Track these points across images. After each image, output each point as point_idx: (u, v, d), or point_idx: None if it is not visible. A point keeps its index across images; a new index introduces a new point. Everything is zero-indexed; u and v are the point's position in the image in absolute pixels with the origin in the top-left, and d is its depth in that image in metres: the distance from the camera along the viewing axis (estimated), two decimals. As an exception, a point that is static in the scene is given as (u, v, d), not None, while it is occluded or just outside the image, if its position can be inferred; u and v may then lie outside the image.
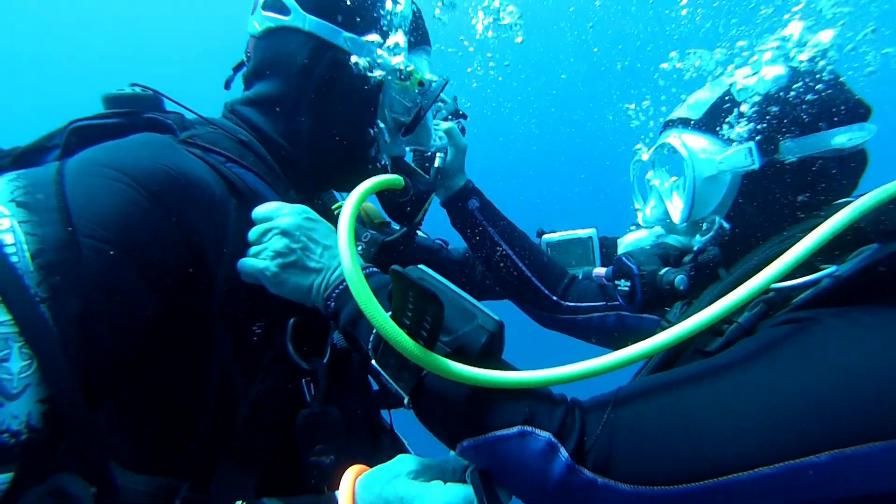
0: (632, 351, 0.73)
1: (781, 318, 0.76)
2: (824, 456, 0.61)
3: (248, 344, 0.87)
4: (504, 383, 0.69)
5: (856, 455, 0.60)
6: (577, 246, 1.62)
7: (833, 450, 0.61)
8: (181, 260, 0.78)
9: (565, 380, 0.71)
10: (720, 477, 0.62)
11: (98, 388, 0.67)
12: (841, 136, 0.90)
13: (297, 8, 0.97)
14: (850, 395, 0.62)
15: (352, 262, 0.75)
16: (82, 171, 0.73)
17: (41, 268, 0.62)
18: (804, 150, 0.91)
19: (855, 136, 0.90)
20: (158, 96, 1.01)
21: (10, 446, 0.57)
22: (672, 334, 0.73)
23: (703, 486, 0.63)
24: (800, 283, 0.78)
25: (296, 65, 0.98)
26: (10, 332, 0.58)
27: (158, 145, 0.83)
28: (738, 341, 0.78)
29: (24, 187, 0.68)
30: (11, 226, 0.63)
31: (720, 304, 0.73)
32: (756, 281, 0.73)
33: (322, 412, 0.90)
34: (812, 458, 0.61)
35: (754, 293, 0.72)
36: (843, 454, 0.61)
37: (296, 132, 1.02)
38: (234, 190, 0.90)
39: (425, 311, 0.68)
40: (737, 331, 0.81)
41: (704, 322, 0.72)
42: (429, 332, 0.70)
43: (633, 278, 1.06)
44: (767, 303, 0.80)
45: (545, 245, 1.64)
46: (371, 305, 0.71)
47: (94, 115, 0.94)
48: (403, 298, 0.70)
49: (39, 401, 0.59)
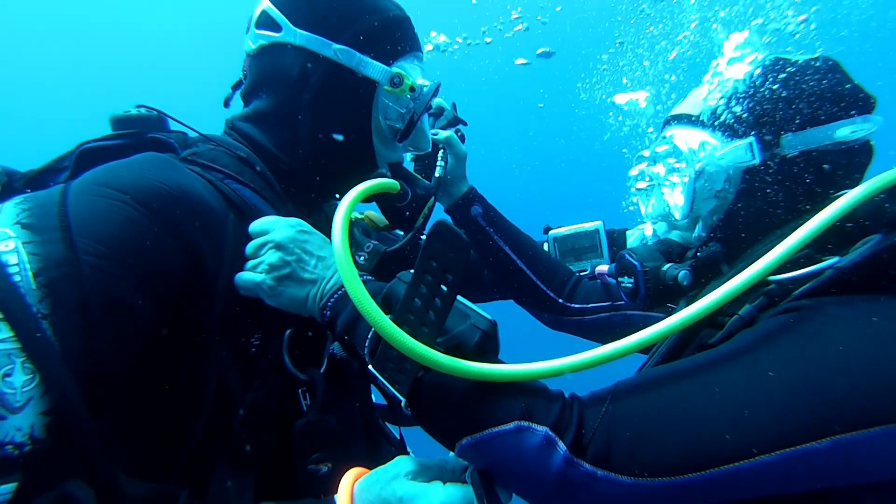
0: (628, 341, 0.73)
1: (781, 308, 0.76)
2: (825, 442, 0.60)
3: (247, 354, 0.89)
4: (500, 375, 0.70)
5: (857, 440, 0.60)
6: (584, 239, 1.62)
7: (833, 436, 0.60)
8: (180, 274, 0.81)
9: (562, 371, 0.71)
10: (721, 466, 0.62)
11: (100, 397, 0.70)
12: (844, 128, 0.89)
13: (288, 24, 0.99)
14: (849, 380, 0.62)
15: (346, 261, 0.75)
16: (83, 191, 0.76)
17: (43, 285, 0.65)
18: (806, 144, 0.90)
19: (859, 129, 0.88)
20: (162, 116, 1.05)
21: (14, 457, 0.60)
22: (667, 324, 0.73)
23: (703, 475, 0.63)
24: (801, 274, 0.77)
25: (290, 79, 1.00)
26: (13, 348, 0.61)
27: (158, 164, 0.86)
28: (737, 333, 0.78)
29: (30, 209, 0.71)
30: (16, 247, 0.66)
31: (715, 294, 0.73)
32: (751, 271, 0.73)
33: (319, 421, 0.92)
34: (813, 444, 0.60)
35: (749, 283, 0.72)
36: (844, 440, 0.60)
37: (294, 145, 1.04)
38: (232, 205, 0.93)
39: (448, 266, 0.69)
40: (737, 323, 0.80)
41: (700, 311, 0.72)
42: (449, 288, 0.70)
43: (637, 275, 1.06)
44: (768, 295, 0.80)
45: (552, 240, 1.64)
46: (365, 302, 0.72)
47: (101, 137, 0.98)
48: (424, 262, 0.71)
49: (42, 413, 0.62)
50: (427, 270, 0.71)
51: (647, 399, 0.69)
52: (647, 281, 1.04)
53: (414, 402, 0.75)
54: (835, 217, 0.73)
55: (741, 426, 0.63)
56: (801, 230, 0.73)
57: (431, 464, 0.78)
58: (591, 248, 1.60)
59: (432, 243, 0.70)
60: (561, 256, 1.64)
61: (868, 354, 0.63)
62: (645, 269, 1.04)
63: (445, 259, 0.69)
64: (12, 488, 0.59)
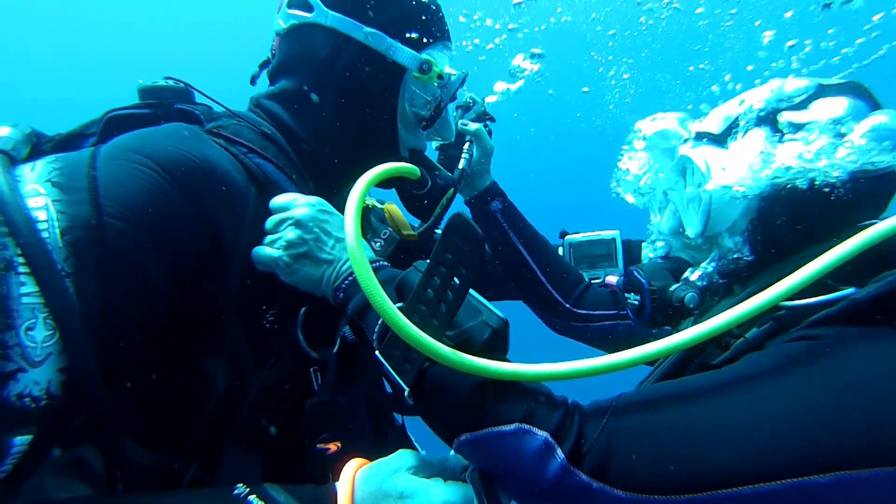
0: (635, 353, 0.72)
1: (793, 336, 0.74)
2: (828, 476, 0.59)
3: (260, 330, 0.90)
4: (502, 374, 0.69)
5: (861, 478, 0.59)
6: (600, 247, 1.61)
7: (838, 471, 0.59)
8: (199, 244, 0.82)
9: (565, 376, 0.70)
10: (719, 490, 0.61)
11: (115, 362, 0.71)
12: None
13: (320, 5, 1.00)
14: (859, 416, 0.61)
15: (357, 245, 0.75)
16: (112, 156, 0.77)
17: (69, 244, 0.66)
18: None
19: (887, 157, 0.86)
20: (189, 89, 1.06)
21: (31, 410, 0.61)
22: (678, 339, 0.72)
23: (700, 497, 0.62)
24: (815, 301, 0.76)
25: (318, 60, 1.01)
26: (37, 303, 0.63)
27: (185, 134, 0.87)
28: (743, 356, 0.77)
29: (60, 169, 0.73)
30: (45, 204, 0.68)
31: (727, 315, 0.71)
32: (766, 295, 0.71)
33: (331, 401, 0.92)
34: (815, 477, 0.59)
35: (762, 307, 0.71)
36: (849, 476, 0.59)
37: (318, 126, 1.04)
38: (255, 180, 0.93)
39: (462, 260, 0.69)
40: (742, 346, 0.79)
41: (710, 331, 0.71)
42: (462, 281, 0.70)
43: (644, 293, 1.05)
44: (778, 320, 0.79)
45: (568, 245, 1.63)
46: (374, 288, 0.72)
47: (129, 105, 0.99)
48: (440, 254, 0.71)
49: (60, 370, 0.63)
50: (442, 262, 0.71)
51: (650, 416, 0.68)
52: (653, 300, 1.03)
53: (417, 393, 0.75)
54: (858, 249, 0.71)
55: (745, 451, 0.62)
56: (823, 259, 0.71)
57: (433, 461, 0.79)
58: (606, 256, 1.59)
59: (449, 235, 0.70)
60: (575, 263, 1.63)
61: (881, 391, 0.62)
62: (652, 288, 1.03)
63: (460, 252, 0.69)
64: (28, 440, 0.61)
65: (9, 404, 0.60)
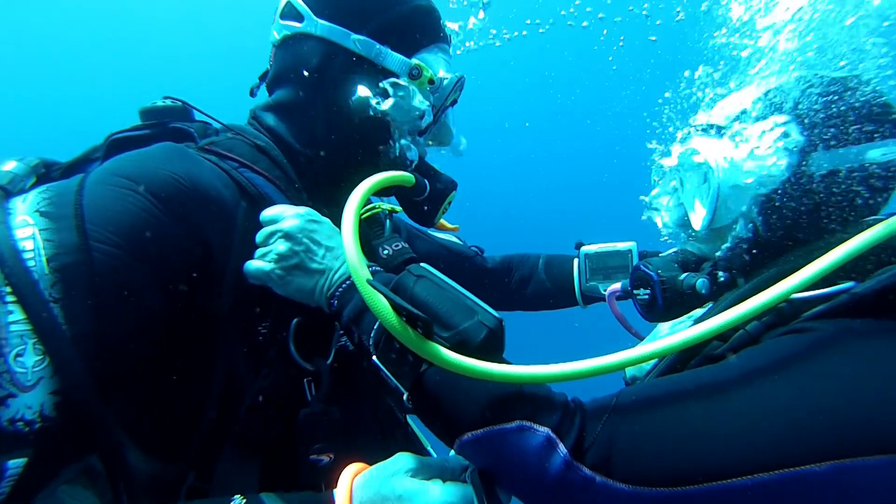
0: (639, 352, 0.72)
1: (791, 328, 0.75)
2: (825, 465, 0.59)
3: (255, 342, 0.90)
4: (502, 376, 0.69)
5: (858, 467, 0.59)
6: (615, 258, 1.59)
7: (834, 460, 0.59)
8: (190, 261, 0.82)
9: (565, 377, 0.70)
10: (720, 481, 0.62)
11: (110, 380, 0.72)
12: (876, 150, 0.85)
13: (310, 14, 1.00)
14: (856, 406, 0.62)
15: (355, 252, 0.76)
16: (98, 181, 0.79)
17: (55, 270, 0.68)
18: (834, 163, 0.87)
19: (890, 152, 0.85)
20: (187, 107, 1.08)
21: (24, 434, 0.63)
22: (683, 337, 0.72)
23: (702, 489, 0.62)
24: (814, 295, 0.76)
25: (310, 69, 1.01)
26: (25, 330, 0.64)
27: (171, 154, 0.88)
28: (742, 349, 0.77)
29: (49, 198, 0.75)
30: (33, 234, 0.70)
31: (735, 311, 0.72)
32: (774, 291, 0.72)
33: (323, 412, 0.92)
34: (812, 466, 0.60)
35: (771, 303, 0.71)
36: (845, 465, 0.59)
37: (312, 135, 1.04)
38: (245, 194, 0.94)
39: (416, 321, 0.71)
40: (742, 338, 0.79)
41: (716, 328, 0.71)
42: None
43: (653, 285, 1.03)
44: (777, 313, 0.78)
45: (583, 256, 1.62)
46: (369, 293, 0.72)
47: (129, 127, 1.02)
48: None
49: (52, 392, 0.65)
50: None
51: (651, 410, 0.69)
52: (664, 291, 1.02)
53: (416, 396, 0.75)
54: (867, 245, 0.71)
55: (744, 441, 0.63)
56: (832, 255, 0.72)
57: (432, 462, 0.78)
58: (621, 268, 1.57)
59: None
60: (590, 273, 1.61)
61: (876, 382, 0.63)
62: (662, 279, 1.02)
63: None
64: (22, 463, 0.62)
65: (1, 429, 0.62)
